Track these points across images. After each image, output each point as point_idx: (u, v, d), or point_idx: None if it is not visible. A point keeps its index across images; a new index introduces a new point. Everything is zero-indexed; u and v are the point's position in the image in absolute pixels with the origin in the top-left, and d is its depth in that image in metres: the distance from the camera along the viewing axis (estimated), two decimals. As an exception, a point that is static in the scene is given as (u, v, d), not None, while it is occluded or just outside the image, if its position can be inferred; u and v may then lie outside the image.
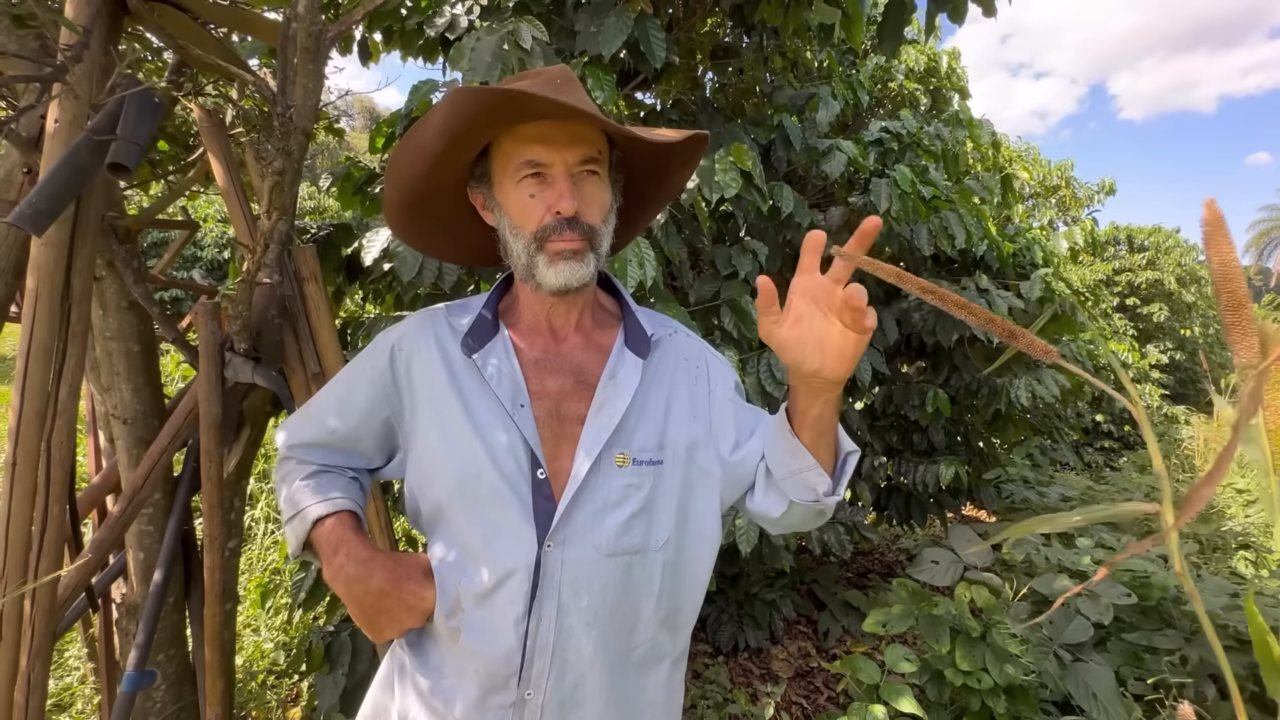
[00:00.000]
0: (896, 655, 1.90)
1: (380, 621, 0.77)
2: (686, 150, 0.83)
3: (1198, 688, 1.91)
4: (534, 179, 0.75)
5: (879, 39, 2.03)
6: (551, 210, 0.75)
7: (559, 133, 0.74)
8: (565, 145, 0.74)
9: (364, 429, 0.84)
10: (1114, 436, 7.30)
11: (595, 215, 0.77)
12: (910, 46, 3.47)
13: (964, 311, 0.46)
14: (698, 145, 0.82)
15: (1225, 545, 3.91)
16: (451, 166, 0.79)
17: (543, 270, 0.76)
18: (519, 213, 0.76)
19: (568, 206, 0.74)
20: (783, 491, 0.78)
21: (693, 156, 0.85)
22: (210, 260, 9.62)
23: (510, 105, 0.70)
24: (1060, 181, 7.83)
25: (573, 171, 0.75)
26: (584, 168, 0.76)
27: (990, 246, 2.72)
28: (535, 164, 0.74)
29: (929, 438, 2.95)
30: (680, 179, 0.89)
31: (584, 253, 0.76)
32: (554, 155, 0.74)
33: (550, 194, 0.75)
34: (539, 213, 0.75)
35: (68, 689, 2.16)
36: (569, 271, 0.75)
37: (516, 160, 0.75)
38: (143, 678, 1.33)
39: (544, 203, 0.75)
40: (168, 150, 2.17)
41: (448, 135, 0.73)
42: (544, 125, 0.74)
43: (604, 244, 0.79)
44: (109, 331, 1.44)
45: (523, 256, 0.77)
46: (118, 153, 1.05)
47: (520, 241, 0.77)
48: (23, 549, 1.11)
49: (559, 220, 0.74)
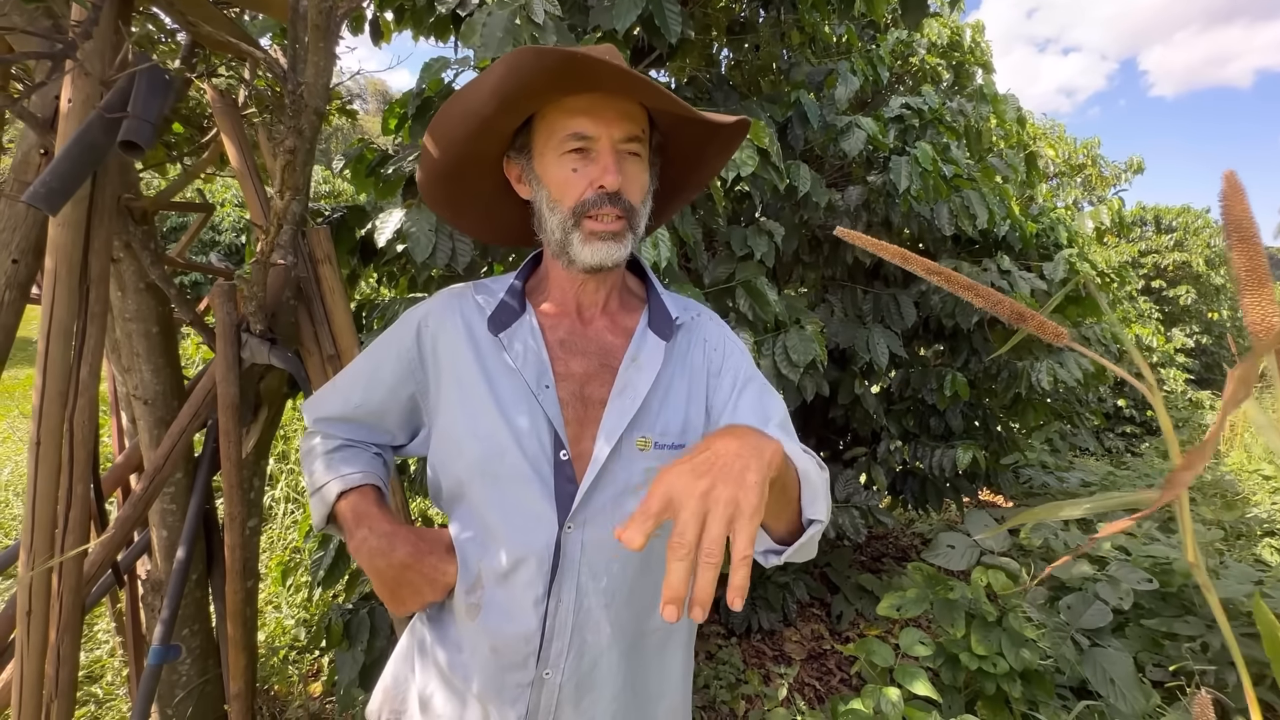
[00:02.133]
0: (911, 638, 1.90)
1: (402, 594, 0.78)
2: (729, 135, 0.81)
3: (1219, 675, 1.88)
4: (577, 153, 0.74)
5: (901, 11, 1.97)
6: (594, 185, 0.73)
7: (606, 108, 0.72)
8: (613, 121, 0.73)
9: (389, 405, 0.84)
10: (1136, 421, 7.18)
11: (636, 194, 0.76)
12: (933, 20, 3.37)
13: (970, 293, 0.45)
14: (740, 131, 0.80)
15: (1250, 532, 3.85)
16: (496, 133, 0.77)
17: (577, 247, 0.75)
18: (559, 186, 0.75)
19: (612, 181, 0.72)
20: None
21: (732, 143, 0.83)
22: (227, 244, 9.72)
23: (570, 69, 0.68)
24: (1086, 160, 7.63)
25: (617, 148, 0.74)
26: (628, 145, 0.74)
27: (1013, 227, 2.65)
28: (581, 136, 0.73)
29: (946, 421, 2.91)
30: (715, 166, 0.87)
31: (622, 233, 0.75)
32: (600, 129, 0.72)
33: (594, 169, 0.73)
34: (580, 187, 0.74)
35: (97, 661, 2.23)
36: (605, 251, 0.74)
37: (562, 132, 0.73)
38: (168, 651, 1.36)
39: (586, 177, 0.73)
40: (182, 132, 2.17)
41: (500, 97, 0.71)
42: (592, 98, 0.72)
43: (641, 225, 0.78)
44: (128, 313, 1.45)
45: (557, 232, 0.76)
46: (130, 130, 1.05)
47: (557, 216, 0.76)
48: (49, 526, 1.13)
49: (601, 195, 0.73)
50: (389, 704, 0.86)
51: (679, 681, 0.85)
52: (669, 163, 0.85)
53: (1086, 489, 4.56)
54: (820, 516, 0.66)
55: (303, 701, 2.12)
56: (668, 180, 0.87)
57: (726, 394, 0.82)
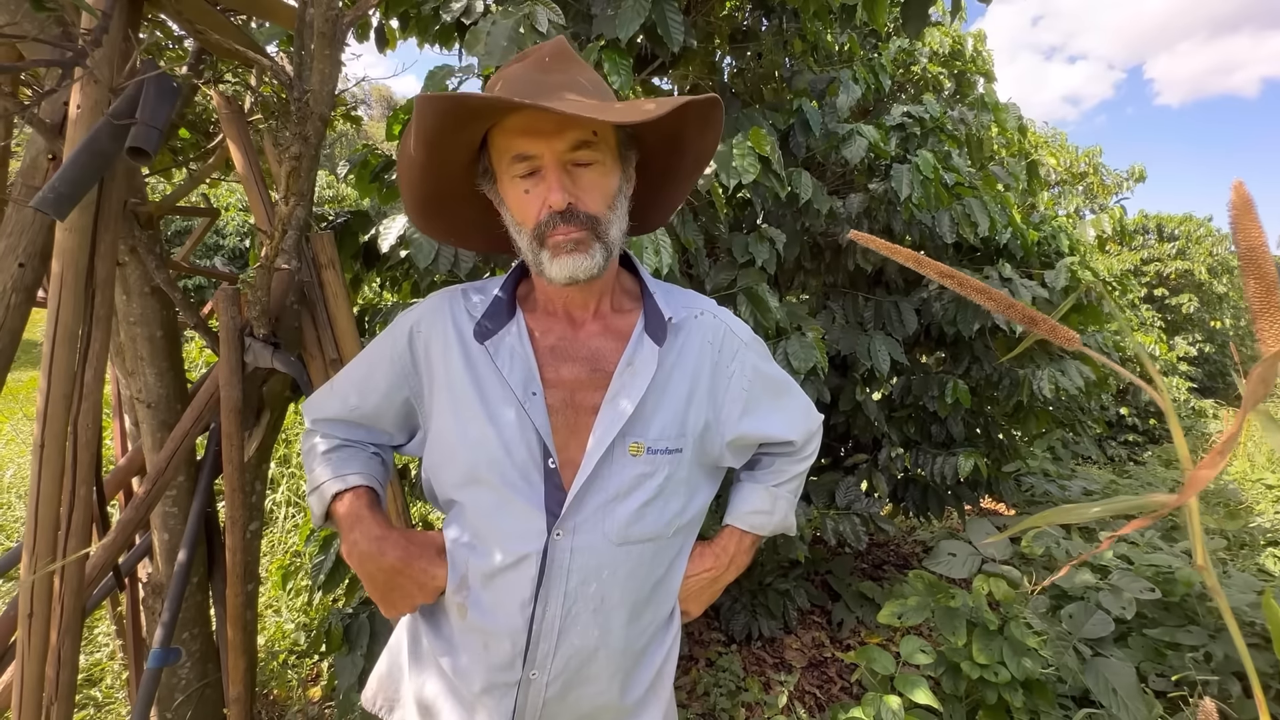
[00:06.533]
0: (912, 647, 1.89)
1: (393, 597, 0.79)
2: (699, 114, 0.75)
3: (1222, 685, 1.87)
4: (526, 173, 0.72)
5: (903, 20, 1.98)
6: (545, 205, 0.71)
7: (545, 121, 0.69)
8: (553, 134, 0.70)
9: (384, 408, 0.84)
10: (1138, 430, 7.14)
11: (595, 203, 0.73)
12: (934, 29, 3.39)
13: (983, 297, 0.45)
14: (709, 107, 0.75)
15: (1254, 542, 3.83)
16: (444, 172, 0.77)
17: (547, 265, 0.73)
18: (518, 209, 0.74)
19: (558, 200, 0.70)
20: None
21: (708, 119, 0.77)
22: (232, 249, 9.77)
23: (469, 109, 0.67)
24: (1088, 168, 7.64)
25: (564, 160, 0.71)
26: (576, 155, 0.71)
27: (1014, 234, 2.65)
28: (524, 157, 0.71)
29: (948, 429, 2.90)
30: (701, 145, 0.82)
31: (587, 243, 0.72)
32: (541, 146, 0.70)
33: (542, 187, 0.71)
34: (535, 208, 0.72)
35: (97, 664, 2.23)
36: (573, 264, 0.72)
37: (508, 155, 0.72)
38: (168, 654, 1.36)
39: (539, 198, 0.72)
40: (188, 138, 2.19)
41: (425, 142, 0.71)
42: (528, 115, 0.69)
43: (611, 231, 0.75)
44: (132, 317, 1.46)
45: (528, 253, 0.76)
46: (137, 136, 1.06)
47: (524, 238, 0.75)
48: (51, 528, 1.13)
49: (553, 215, 0.71)
50: (383, 692, 0.87)
51: (666, 686, 0.87)
52: (650, 153, 0.81)
53: (1089, 497, 4.55)
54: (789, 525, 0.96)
55: (302, 706, 2.12)
56: (658, 169, 0.84)
57: (737, 399, 0.83)
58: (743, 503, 0.93)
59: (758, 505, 0.92)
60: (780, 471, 0.93)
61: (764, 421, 0.85)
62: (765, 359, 0.88)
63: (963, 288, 0.45)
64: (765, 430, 0.85)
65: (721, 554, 0.89)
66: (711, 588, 0.89)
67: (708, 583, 0.88)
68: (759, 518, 0.92)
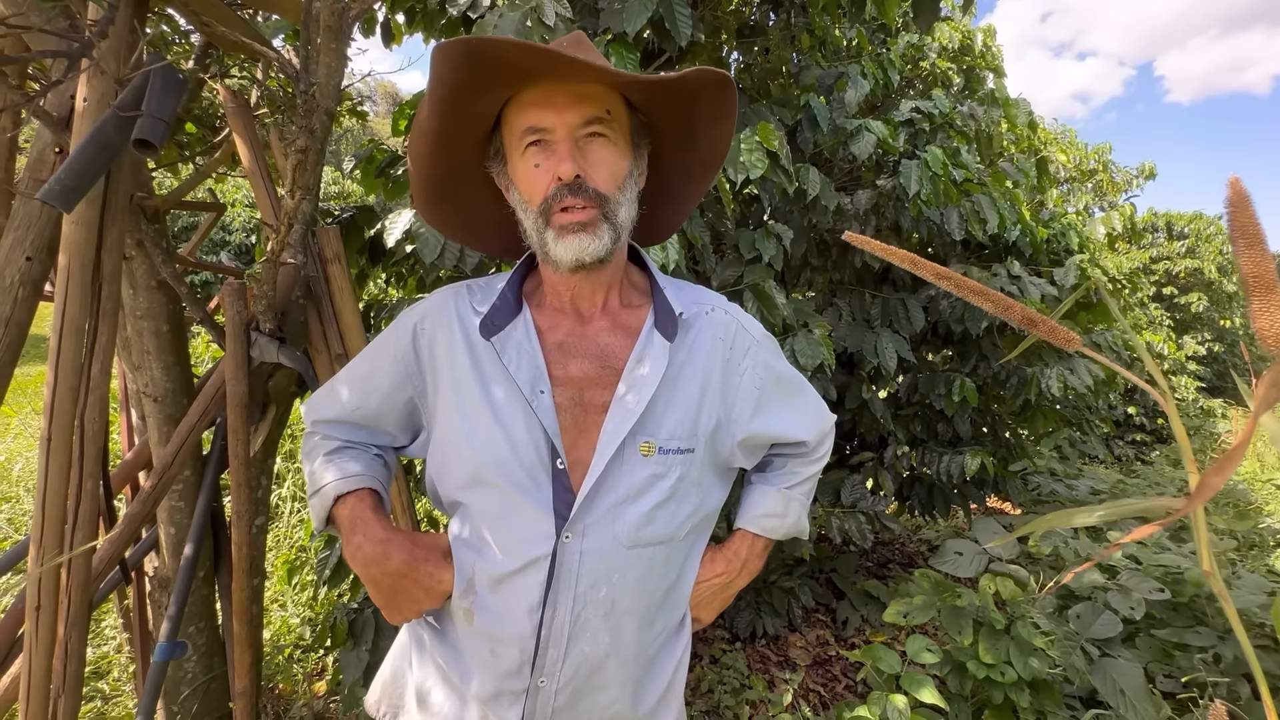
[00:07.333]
0: (918, 646, 1.88)
1: (398, 602, 0.76)
2: (711, 99, 0.74)
3: (1231, 687, 1.85)
4: (537, 147, 0.70)
5: (914, 14, 1.95)
6: (554, 178, 0.69)
7: (560, 94, 0.68)
8: (566, 106, 0.69)
9: (387, 408, 0.82)
10: (1146, 429, 7.10)
11: (604, 180, 0.71)
12: (944, 24, 3.36)
13: (980, 297, 0.44)
14: (720, 90, 0.73)
15: (1263, 543, 3.80)
16: (455, 148, 0.75)
17: (552, 245, 0.71)
18: (526, 185, 0.72)
19: (567, 170, 0.68)
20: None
21: (721, 107, 0.76)
22: (238, 244, 9.81)
23: (477, 56, 0.64)
24: (1098, 165, 7.58)
25: (576, 135, 0.70)
26: (589, 129, 0.70)
27: (1023, 232, 2.63)
28: (536, 129, 0.70)
29: (954, 427, 2.89)
30: (713, 136, 0.79)
31: (594, 223, 0.70)
32: (554, 118, 0.69)
33: (552, 160, 0.70)
34: (544, 182, 0.70)
35: (104, 657, 2.24)
36: (579, 245, 0.70)
37: (519, 128, 0.71)
38: (174, 648, 1.37)
39: (548, 171, 0.70)
40: (195, 132, 2.19)
41: (440, 102, 0.68)
42: (544, 88, 0.69)
43: (620, 213, 0.73)
44: (139, 310, 1.46)
45: (533, 234, 0.73)
46: (143, 129, 1.05)
47: (530, 217, 0.73)
48: (59, 521, 1.14)
49: (561, 186, 0.69)
50: (387, 698, 0.85)
51: (677, 697, 0.85)
52: (664, 143, 0.80)
53: (1096, 497, 4.52)
54: (802, 530, 0.95)
55: (307, 700, 2.12)
56: (673, 164, 0.82)
57: (749, 397, 0.81)
58: (754, 506, 0.91)
59: (770, 508, 0.90)
60: (793, 473, 0.91)
61: (776, 421, 0.83)
62: (777, 357, 0.85)
63: (959, 289, 0.44)
64: (777, 430, 0.83)
65: (734, 558, 0.87)
66: (723, 593, 0.87)
67: (719, 588, 0.86)
68: (771, 521, 0.90)
